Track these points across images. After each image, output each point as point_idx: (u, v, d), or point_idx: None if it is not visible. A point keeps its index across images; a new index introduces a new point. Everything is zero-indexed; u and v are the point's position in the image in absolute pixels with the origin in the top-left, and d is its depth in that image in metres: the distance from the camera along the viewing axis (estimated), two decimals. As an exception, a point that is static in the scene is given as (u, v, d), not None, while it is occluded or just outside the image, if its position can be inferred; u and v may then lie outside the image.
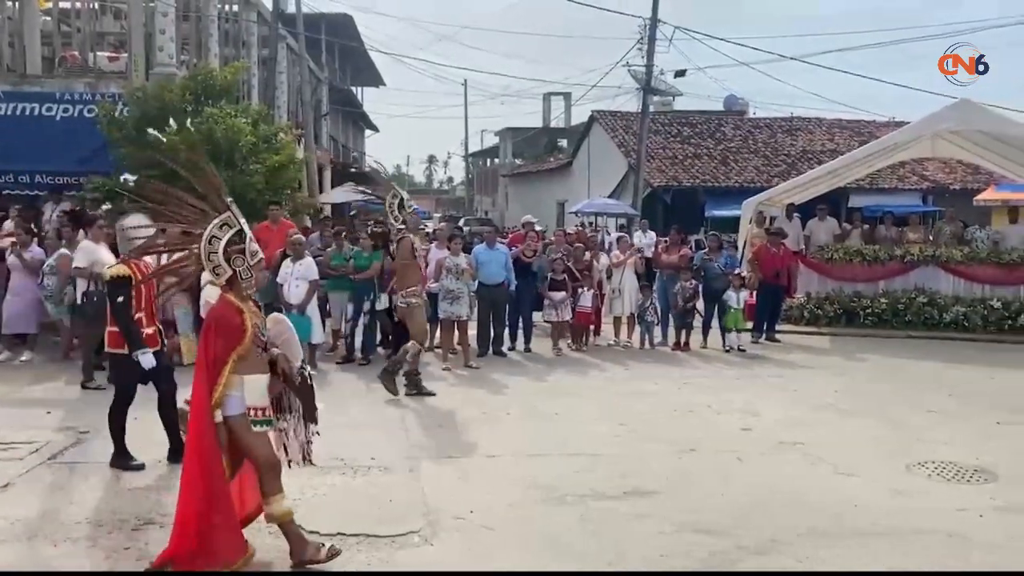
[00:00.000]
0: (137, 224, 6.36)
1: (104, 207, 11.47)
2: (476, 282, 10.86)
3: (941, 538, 5.03)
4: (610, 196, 28.41)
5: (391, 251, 9.94)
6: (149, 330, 6.21)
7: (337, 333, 11.00)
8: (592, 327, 12.19)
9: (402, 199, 8.66)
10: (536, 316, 11.99)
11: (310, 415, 4.77)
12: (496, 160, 56.96)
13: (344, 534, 4.93)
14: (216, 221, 4.36)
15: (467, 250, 11.34)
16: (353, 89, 42.45)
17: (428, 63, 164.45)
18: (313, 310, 10.13)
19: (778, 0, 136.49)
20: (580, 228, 17.64)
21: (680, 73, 28.46)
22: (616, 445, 6.95)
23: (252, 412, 4.39)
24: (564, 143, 47.07)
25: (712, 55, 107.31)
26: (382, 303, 10.46)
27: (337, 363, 10.31)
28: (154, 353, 6.17)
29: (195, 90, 13.54)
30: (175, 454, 6.06)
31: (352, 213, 24.46)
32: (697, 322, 12.18)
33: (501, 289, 11.09)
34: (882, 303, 13.47)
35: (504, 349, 11.31)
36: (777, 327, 12.87)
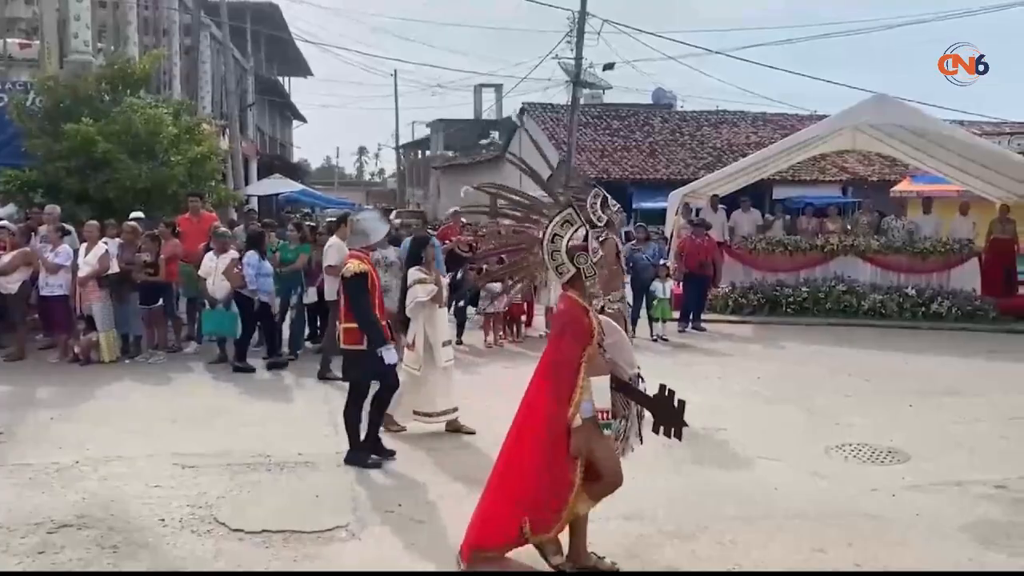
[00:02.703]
0: (369, 219, 6.38)
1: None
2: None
3: (857, 518, 5.21)
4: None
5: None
6: (351, 325, 6.11)
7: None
8: (524, 318, 12.25)
9: (605, 197, 8.35)
10: (469, 309, 11.98)
11: (676, 429, 4.41)
12: (428, 152, 56.60)
13: (269, 531, 4.87)
14: (558, 218, 4.21)
15: (396, 243, 11.23)
16: (280, 79, 41.68)
17: (357, 53, 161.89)
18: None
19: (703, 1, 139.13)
20: None
21: (609, 66, 28.85)
22: (545, 435, 6.99)
23: (599, 415, 4.15)
24: (496, 135, 47.06)
25: (641, 49, 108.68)
26: (309, 297, 10.30)
27: (264, 358, 10.12)
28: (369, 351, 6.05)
29: (112, 80, 13.14)
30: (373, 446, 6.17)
31: (287, 210, 24.03)
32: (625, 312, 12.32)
33: (431, 282, 11.03)
34: (803, 292, 13.87)
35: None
36: (702, 316, 13.12)
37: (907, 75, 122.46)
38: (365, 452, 6.14)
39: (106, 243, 10.06)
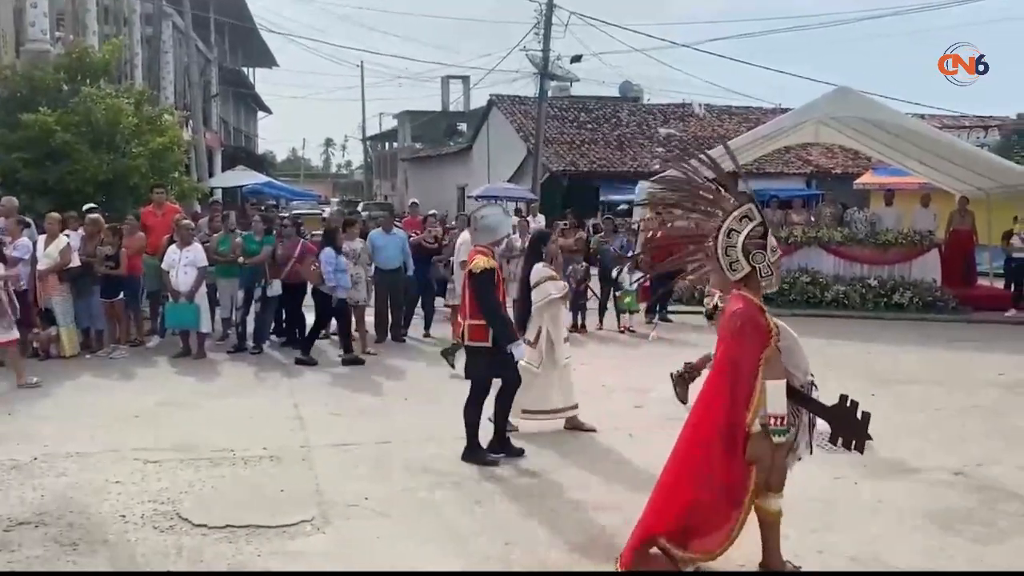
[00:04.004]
0: (493, 215, 6.19)
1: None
2: (373, 267, 10.75)
3: (820, 505, 5.27)
4: (509, 181, 28.53)
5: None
6: (478, 322, 5.98)
7: (227, 322, 10.67)
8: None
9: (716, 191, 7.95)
10: (437, 301, 11.95)
11: (859, 443, 4.29)
12: (395, 144, 56.34)
13: (234, 526, 4.81)
14: (736, 213, 4.04)
15: (363, 235, 11.18)
16: (244, 70, 41.20)
17: (323, 43, 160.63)
18: (202, 298, 9.83)
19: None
20: None
21: (576, 58, 28.84)
22: (512, 427, 7.00)
23: (772, 421, 3.96)
24: (464, 127, 46.95)
25: (608, 42, 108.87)
26: (274, 290, 10.21)
27: (228, 352, 10.03)
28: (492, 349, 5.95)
29: (70, 69, 12.89)
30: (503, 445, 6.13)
31: (252, 202, 23.73)
32: (593, 304, 12.39)
33: (398, 274, 10.99)
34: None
35: (402, 335, 11.23)
36: (669, 307, 13.21)
37: (869, 69, 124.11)
38: (484, 450, 6.03)
39: (67, 235, 9.87)
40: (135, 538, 4.69)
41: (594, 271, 12.60)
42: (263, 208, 16.75)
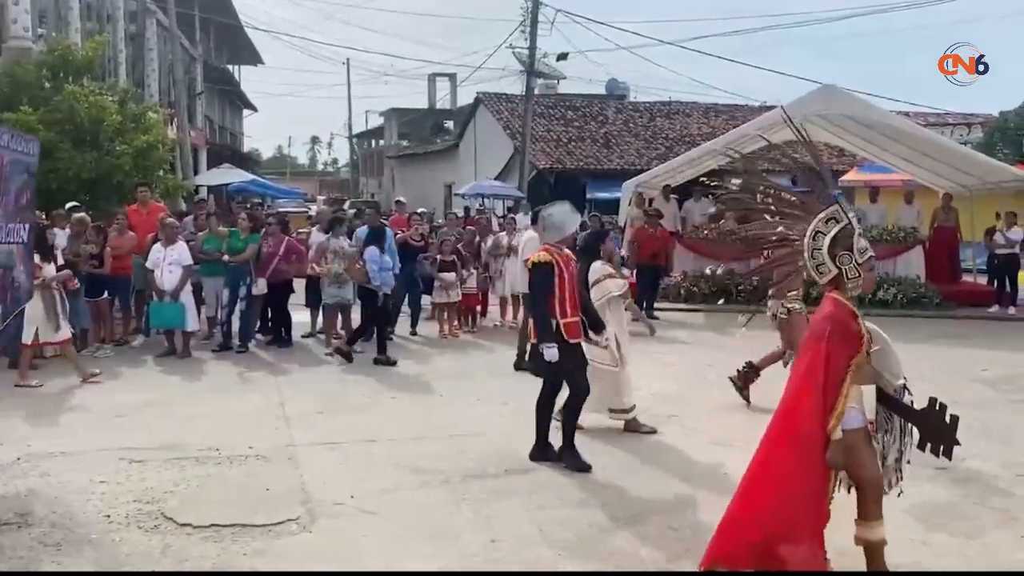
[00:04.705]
0: (560, 213, 6.06)
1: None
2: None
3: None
4: (496, 178, 28.51)
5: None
6: (573, 319, 5.88)
7: (212, 320, 10.63)
8: (479, 308, 12.24)
9: (778, 191, 7.65)
10: (423, 299, 11.94)
11: (947, 448, 4.13)
12: (382, 141, 56.18)
13: (219, 525, 4.79)
14: (822, 215, 3.96)
15: (349, 233, 11.16)
16: (230, 67, 41.01)
17: (308, 41, 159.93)
18: (187, 297, 9.77)
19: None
20: (482, 214, 17.65)
21: (563, 56, 28.83)
22: (499, 425, 7.01)
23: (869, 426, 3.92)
24: (450, 124, 46.87)
25: (594, 39, 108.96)
26: (259, 288, 10.17)
27: (213, 351, 9.98)
28: (570, 346, 5.84)
29: (53, 66, 12.78)
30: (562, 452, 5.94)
31: (238, 200, 23.62)
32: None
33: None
34: (754, 280, 14.04)
35: (389, 333, 11.20)
36: (655, 305, 13.24)
37: (854, 67, 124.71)
38: (551, 450, 5.95)
39: (53, 234, 9.79)
40: (120, 538, 4.66)
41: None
42: (249, 206, 16.66)
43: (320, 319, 10.99)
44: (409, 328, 11.59)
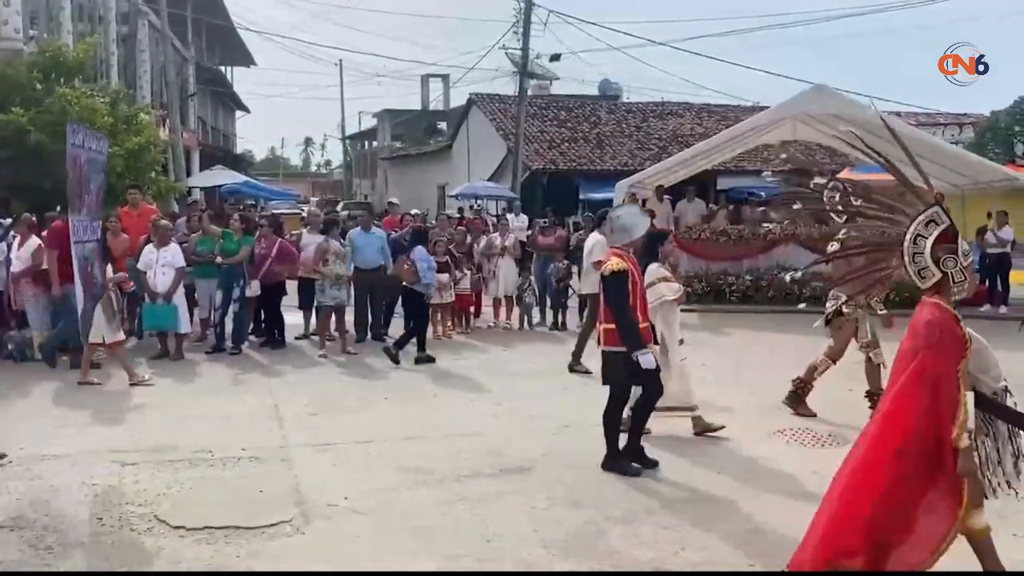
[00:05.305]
0: (628, 215, 6.04)
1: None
2: (352, 266, 10.72)
3: (799, 499, 5.30)
4: (490, 179, 28.53)
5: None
6: (643, 324, 5.81)
7: (205, 322, 10.60)
8: (472, 309, 12.24)
9: (845, 188, 7.38)
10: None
11: None
12: (375, 143, 56.13)
13: (213, 527, 4.78)
14: (921, 218, 3.85)
15: (343, 234, 11.14)
16: (222, 69, 40.92)
17: (301, 42, 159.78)
18: (180, 299, 9.73)
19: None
20: (476, 214, 17.66)
21: (555, 57, 28.94)
22: (493, 425, 7.02)
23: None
24: (443, 126, 46.86)
25: (587, 40, 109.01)
26: (253, 289, 10.15)
27: (207, 353, 9.95)
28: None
29: (44, 68, 12.75)
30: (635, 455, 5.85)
31: (231, 202, 23.58)
32: (573, 302, 12.41)
33: (378, 273, 10.95)
34: (746, 280, 14.10)
35: (383, 334, 11.20)
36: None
37: (846, 67, 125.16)
38: (625, 460, 5.87)
39: (44, 236, 9.74)
40: (112, 540, 4.65)
41: (575, 268, 12.61)
42: (241, 208, 16.65)
43: (313, 321, 10.97)
44: (403, 329, 11.56)
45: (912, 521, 3.85)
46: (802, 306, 7.29)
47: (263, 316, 10.77)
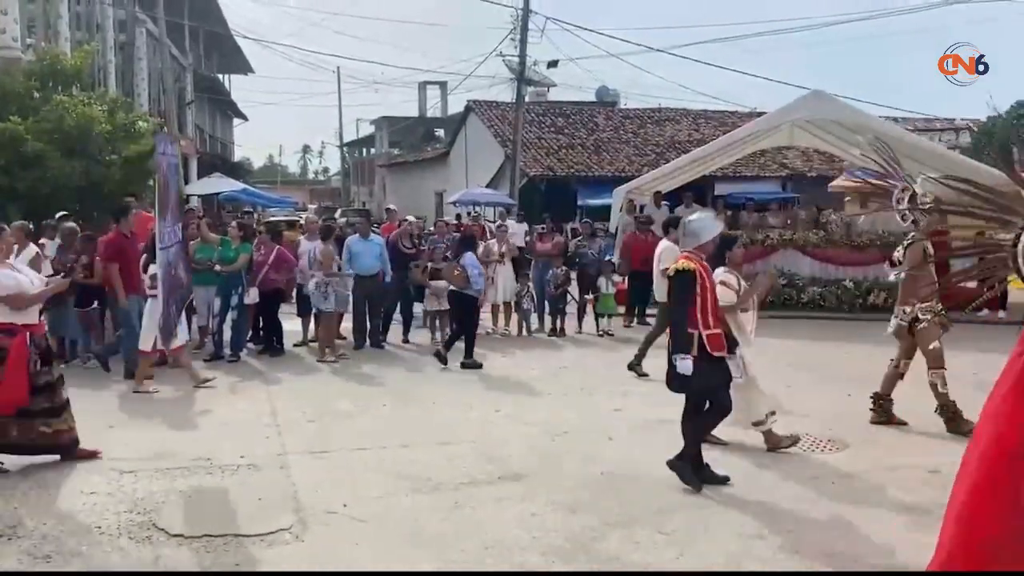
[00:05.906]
0: (699, 220, 5.92)
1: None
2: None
3: (798, 504, 5.31)
4: (488, 186, 28.55)
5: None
6: (715, 331, 5.65)
7: (204, 330, 10.58)
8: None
9: (913, 192, 7.38)
10: (416, 307, 11.94)
11: None
12: (372, 150, 56.19)
13: (211, 535, 4.77)
14: None
15: (340, 242, 11.15)
16: (220, 76, 40.96)
17: (298, 49, 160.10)
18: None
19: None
20: (475, 220, 17.69)
21: (553, 64, 28.93)
22: (491, 431, 7.01)
23: None
24: (441, 132, 46.91)
25: (584, 47, 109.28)
26: (251, 297, 10.14)
27: (205, 360, 9.93)
28: (713, 359, 5.60)
29: (42, 76, 12.76)
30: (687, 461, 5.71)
31: (228, 209, 23.56)
32: (572, 308, 12.43)
33: (376, 280, 10.95)
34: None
35: (381, 341, 11.19)
36: (647, 311, 13.24)
37: (844, 73, 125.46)
38: (699, 471, 5.71)
39: (42, 244, 9.75)
40: (110, 549, 4.63)
41: (573, 274, 12.64)
42: (239, 215, 16.62)
43: (312, 328, 10.96)
44: (401, 336, 11.58)
45: (1001, 530, 3.70)
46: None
47: (261, 323, 10.76)
